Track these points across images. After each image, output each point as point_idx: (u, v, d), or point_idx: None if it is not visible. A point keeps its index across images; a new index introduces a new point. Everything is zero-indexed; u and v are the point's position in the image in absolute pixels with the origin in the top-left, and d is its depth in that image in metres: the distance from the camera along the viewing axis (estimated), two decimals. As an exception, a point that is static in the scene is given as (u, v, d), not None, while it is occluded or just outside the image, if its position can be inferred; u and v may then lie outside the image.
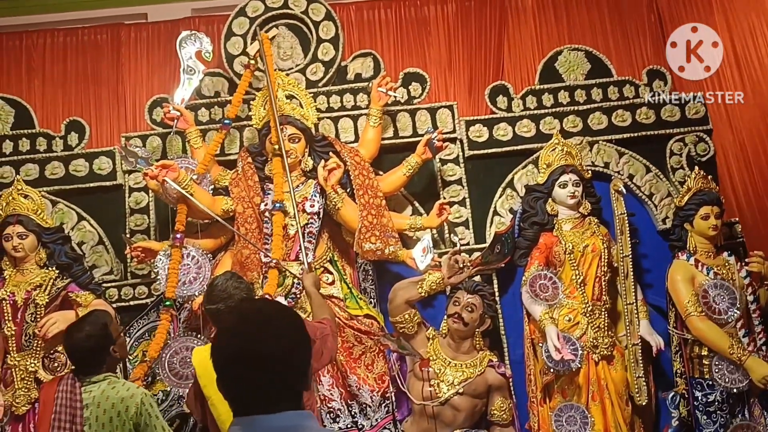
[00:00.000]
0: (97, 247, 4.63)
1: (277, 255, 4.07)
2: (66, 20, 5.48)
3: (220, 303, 2.95)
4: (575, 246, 4.29)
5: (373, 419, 4.12)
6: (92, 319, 3.18)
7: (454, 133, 4.77)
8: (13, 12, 5.49)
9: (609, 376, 4.17)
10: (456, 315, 4.11)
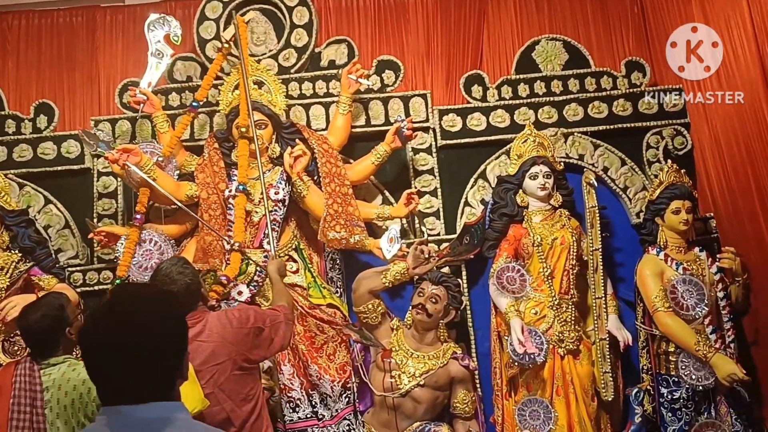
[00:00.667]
0: (63, 230, 4.59)
1: (238, 238, 4.02)
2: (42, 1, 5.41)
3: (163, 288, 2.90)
4: (544, 238, 4.22)
5: (334, 409, 4.07)
6: (48, 301, 3.13)
7: (427, 122, 4.70)
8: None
9: (574, 371, 4.11)
10: (420, 306, 4.05)
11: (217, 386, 2.81)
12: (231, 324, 2.90)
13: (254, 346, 2.96)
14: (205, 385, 2.78)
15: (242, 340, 2.90)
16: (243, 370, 2.90)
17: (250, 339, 2.94)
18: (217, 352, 2.84)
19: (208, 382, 2.79)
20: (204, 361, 2.81)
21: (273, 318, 3.10)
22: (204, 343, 2.82)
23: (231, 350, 2.86)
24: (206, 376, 2.80)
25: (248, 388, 2.91)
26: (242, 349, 2.89)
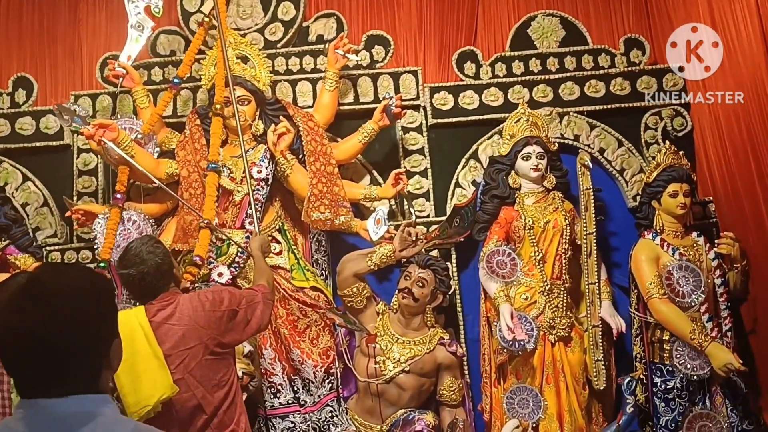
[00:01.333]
0: (42, 208, 4.46)
1: (208, 215, 3.87)
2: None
3: (131, 268, 2.77)
4: (536, 221, 4.08)
5: (316, 395, 3.95)
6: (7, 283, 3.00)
7: (418, 100, 4.54)
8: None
9: (565, 359, 3.98)
10: (406, 290, 3.92)
11: (187, 372, 2.68)
12: (203, 306, 2.76)
13: (228, 329, 2.82)
14: (175, 371, 2.65)
15: (215, 324, 2.76)
16: (215, 355, 2.76)
17: (224, 322, 2.80)
18: (187, 336, 2.70)
19: (178, 367, 2.67)
20: (174, 346, 2.68)
21: (249, 299, 2.97)
22: (174, 327, 2.69)
23: (202, 334, 2.72)
24: (176, 361, 2.67)
25: (221, 373, 2.77)
26: (214, 333, 2.75)
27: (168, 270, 2.82)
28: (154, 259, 2.78)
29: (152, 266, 2.77)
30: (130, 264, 2.77)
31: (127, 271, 2.77)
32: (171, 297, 2.77)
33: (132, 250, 2.81)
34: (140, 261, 2.76)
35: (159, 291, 2.77)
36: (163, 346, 2.65)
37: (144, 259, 2.76)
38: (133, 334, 2.62)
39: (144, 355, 2.60)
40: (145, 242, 2.85)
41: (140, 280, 2.77)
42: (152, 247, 2.81)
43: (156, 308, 2.72)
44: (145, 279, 2.76)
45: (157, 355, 2.60)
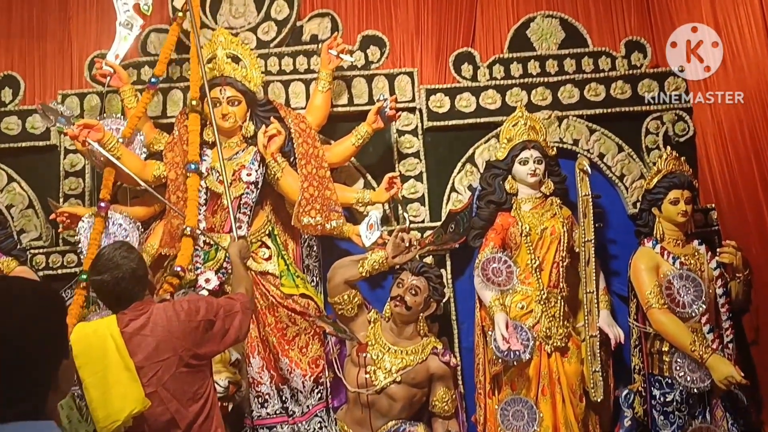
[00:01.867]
0: (27, 210, 4.35)
1: (191, 222, 3.75)
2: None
3: (105, 274, 2.64)
4: (533, 228, 3.97)
5: (305, 405, 3.85)
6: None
7: (414, 102, 4.43)
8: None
9: (562, 369, 3.87)
10: (399, 298, 3.81)
11: (160, 384, 2.55)
12: (178, 317, 2.63)
13: (204, 340, 2.69)
14: (148, 384, 2.53)
15: (190, 335, 2.63)
16: (190, 368, 2.63)
17: (199, 333, 2.67)
18: (161, 348, 2.58)
19: (150, 379, 2.54)
20: (147, 357, 2.56)
21: (228, 308, 2.84)
22: (147, 338, 2.56)
23: (177, 345, 2.60)
24: (149, 374, 2.55)
25: (196, 386, 2.65)
26: (189, 345, 2.62)
27: (143, 276, 2.69)
28: (129, 264, 2.65)
29: (127, 271, 2.64)
30: (104, 269, 2.64)
31: (100, 276, 2.64)
32: (144, 306, 2.64)
33: (105, 255, 2.69)
34: (114, 266, 2.63)
35: (134, 298, 2.65)
36: (136, 357, 2.53)
37: (118, 264, 2.63)
38: (104, 345, 2.51)
39: (115, 367, 2.49)
40: (118, 247, 2.72)
41: (115, 286, 2.63)
42: (126, 252, 2.68)
43: (128, 318, 2.60)
44: (120, 285, 2.63)
45: (128, 367, 2.49)
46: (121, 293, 2.63)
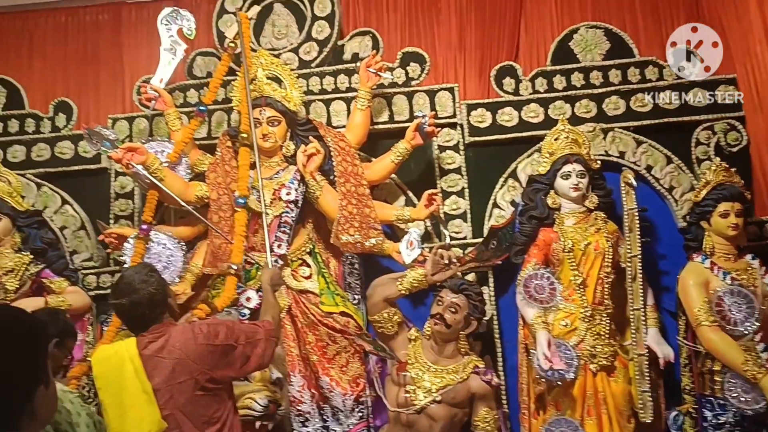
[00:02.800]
0: (79, 232, 4.49)
1: (236, 259, 3.78)
2: (71, 0, 5.36)
3: (124, 298, 2.67)
4: (576, 244, 3.87)
5: (345, 425, 3.83)
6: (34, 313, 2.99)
7: (455, 118, 4.40)
8: (18, -8, 5.40)
9: (608, 389, 3.75)
10: (438, 316, 3.75)
11: (177, 407, 2.56)
12: (196, 340, 2.64)
13: (222, 365, 2.68)
14: (164, 406, 2.54)
15: (207, 358, 2.64)
16: (206, 391, 2.63)
17: (217, 357, 2.67)
18: (177, 370, 2.59)
19: (167, 402, 2.56)
20: (163, 380, 2.58)
21: (250, 334, 2.82)
22: (164, 360, 2.58)
23: (193, 368, 2.60)
24: (165, 396, 2.56)
25: (212, 410, 2.64)
26: (205, 368, 2.62)
27: (162, 300, 2.71)
28: (147, 288, 2.67)
29: (145, 296, 2.66)
30: (122, 293, 2.67)
31: (119, 300, 2.68)
32: (163, 328, 2.67)
33: (124, 279, 2.72)
34: (132, 290, 2.66)
35: (152, 322, 2.67)
36: (153, 380, 2.55)
37: (136, 288, 2.66)
38: (123, 368, 2.54)
39: (132, 389, 2.51)
40: (139, 271, 2.75)
41: (132, 310, 2.66)
42: (146, 276, 2.70)
43: (147, 340, 2.63)
44: (138, 309, 2.65)
45: (145, 389, 2.51)
46: (139, 317, 2.66)
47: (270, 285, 3.18)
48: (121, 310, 2.70)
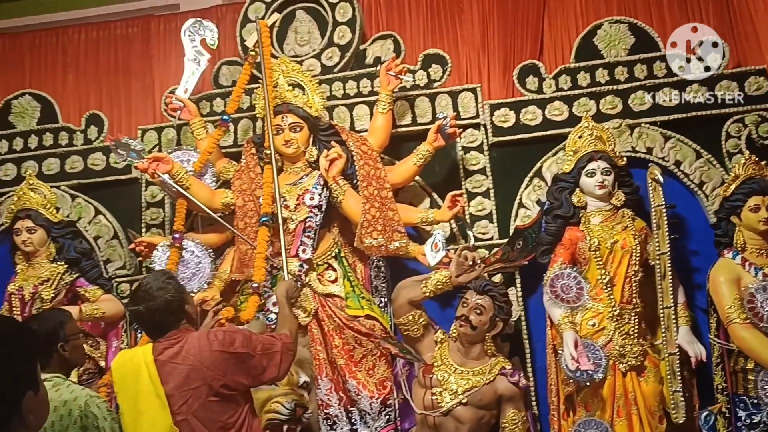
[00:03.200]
0: (112, 241, 4.59)
1: (258, 278, 3.82)
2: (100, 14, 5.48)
3: (141, 305, 2.73)
4: (602, 242, 3.82)
5: (373, 428, 3.84)
6: (49, 315, 3.07)
7: (478, 118, 4.37)
8: (52, 9, 5.55)
9: (638, 390, 3.69)
10: (463, 317, 3.74)
11: (191, 412, 2.60)
12: (210, 347, 2.67)
13: (236, 372, 2.71)
14: (178, 411, 2.59)
15: (221, 365, 2.67)
16: (221, 397, 2.66)
17: (231, 364, 2.70)
18: (191, 376, 2.63)
19: (181, 407, 2.60)
20: (177, 385, 2.62)
21: (267, 346, 2.85)
22: (179, 366, 2.63)
23: (207, 375, 2.64)
24: (179, 402, 2.61)
25: (227, 415, 2.67)
26: (219, 374, 2.65)
27: (178, 307, 2.75)
28: (164, 295, 2.72)
29: (161, 303, 2.71)
30: (140, 300, 2.73)
31: (136, 307, 2.74)
32: (180, 335, 2.71)
33: (143, 286, 2.78)
34: (149, 297, 2.71)
35: (168, 328, 2.72)
36: (167, 385, 2.60)
37: (153, 295, 2.71)
38: (138, 373, 2.60)
39: (146, 394, 2.57)
40: (157, 278, 2.81)
41: (149, 318, 2.72)
42: (164, 283, 2.75)
43: (163, 346, 2.68)
44: (154, 316, 2.71)
45: (158, 395, 2.56)
46: (156, 324, 2.72)
47: (286, 298, 3.20)
48: (139, 316, 2.76)
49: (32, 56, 5.28)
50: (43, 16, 5.52)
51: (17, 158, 4.78)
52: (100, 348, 4.30)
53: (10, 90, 5.07)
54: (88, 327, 4.28)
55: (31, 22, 5.60)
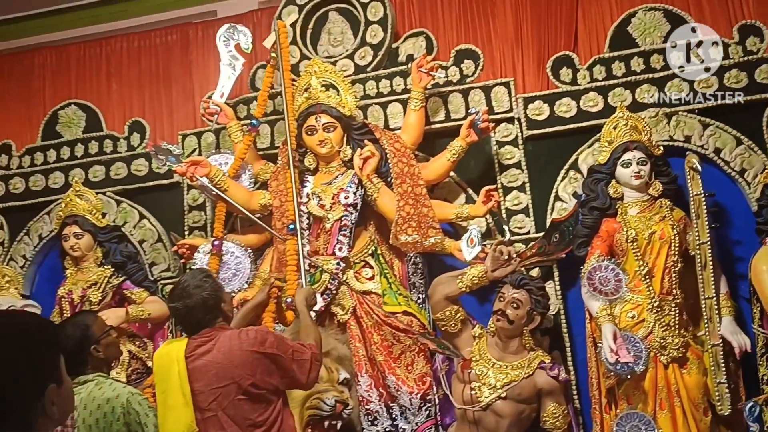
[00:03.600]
0: (156, 244, 4.71)
1: (292, 291, 3.86)
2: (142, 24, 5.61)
3: (178, 302, 2.82)
4: (639, 233, 3.77)
5: (414, 423, 3.86)
6: (74, 321, 3.17)
7: (512, 112, 4.36)
8: (95, 21, 5.71)
9: (681, 382, 3.64)
10: (500, 312, 3.73)
11: (221, 409, 2.67)
12: (241, 345, 2.74)
13: (266, 372, 2.76)
14: (208, 408, 2.66)
15: (250, 364, 2.72)
16: (249, 396, 2.71)
17: (261, 364, 2.75)
18: (220, 374, 2.70)
19: (211, 404, 2.67)
20: (207, 383, 2.69)
21: (298, 352, 2.89)
22: (209, 363, 2.70)
23: (235, 373, 2.70)
24: (209, 398, 2.68)
25: (257, 413, 2.71)
26: (247, 373, 2.71)
27: (215, 305, 2.83)
28: (201, 293, 2.80)
29: (198, 300, 2.79)
30: (178, 297, 2.83)
31: (174, 304, 2.83)
32: (213, 333, 2.78)
33: (180, 284, 2.87)
34: (187, 295, 2.80)
35: (205, 325, 2.79)
36: (198, 383, 2.67)
37: (190, 293, 2.80)
38: (170, 368, 2.67)
39: (174, 390, 2.65)
40: (194, 276, 2.90)
41: (187, 314, 2.81)
42: (201, 282, 2.84)
43: (196, 344, 2.75)
44: (192, 313, 2.79)
45: (184, 391, 2.63)
46: (193, 320, 2.80)
47: (305, 306, 3.24)
48: (177, 313, 2.85)
49: (77, 67, 5.44)
50: (87, 29, 5.67)
51: (64, 166, 4.95)
52: (148, 348, 4.41)
53: (57, 101, 5.25)
54: (136, 328, 4.42)
55: (76, 35, 5.77)
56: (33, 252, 4.88)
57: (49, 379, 1.42)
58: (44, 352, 1.45)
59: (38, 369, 1.41)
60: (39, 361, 1.42)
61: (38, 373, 1.41)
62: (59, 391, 1.43)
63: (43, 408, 1.40)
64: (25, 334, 1.42)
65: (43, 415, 1.40)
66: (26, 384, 1.39)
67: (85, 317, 3.14)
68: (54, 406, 1.41)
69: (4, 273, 4.61)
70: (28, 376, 1.39)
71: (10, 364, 1.37)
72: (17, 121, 5.38)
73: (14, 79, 5.49)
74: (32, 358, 1.41)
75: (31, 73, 5.47)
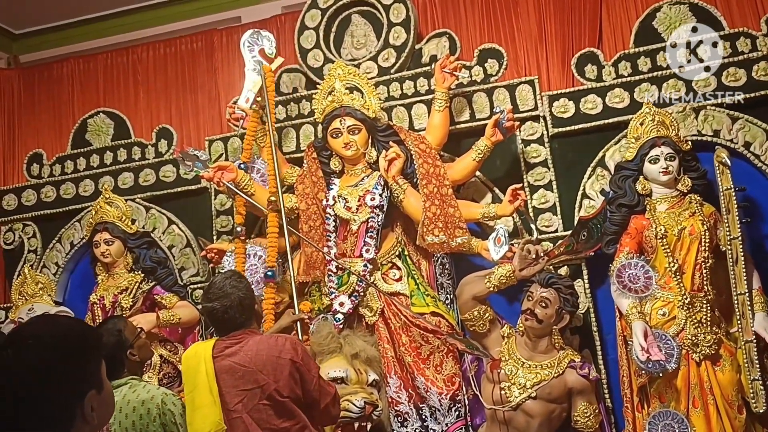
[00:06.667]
0: (185, 249, 4.76)
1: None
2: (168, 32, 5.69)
3: (215, 302, 2.85)
4: (669, 229, 3.73)
5: (443, 424, 3.86)
6: (106, 327, 3.21)
7: (537, 110, 4.34)
8: (122, 30, 5.79)
9: (714, 379, 3.58)
10: (529, 311, 3.72)
11: (246, 411, 2.69)
12: (269, 351, 2.75)
13: (290, 379, 2.76)
14: (233, 409, 2.68)
15: (275, 371, 2.74)
16: (273, 402, 2.72)
17: (285, 371, 2.75)
18: (246, 378, 2.72)
19: (236, 405, 2.70)
20: (233, 384, 2.72)
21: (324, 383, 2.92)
22: (235, 366, 2.73)
23: (260, 378, 2.71)
24: (235, 400, 2.71)
25: (279, 421, 2.70)
26: (271, 380, 2.72)
27: (250, 305, 2.88)
28: (237, 293, 2.84)
29: (235, 300, 2.83)
30: (215, 297, 2.85)
31: (211, 304, 2.85)
32: (242, 336, 2.80)
33: (216, 284, 2.90)
34: (224, 295, 2.83)
35: (240, 326, 2.83)
36: (224, 382, 2.69)
37: (228, 293, 2.83)
38: (198, 367, 2.70)
39: (202, 389, 2.68)
40: (228, 276, 2.93)
41: (223, 314, 2.83)
42: (236, 282, 2.88)
43: (225, 345, 2.78)
44: (228, 313, 2.83)
45: (212, 390, 2.66)
46: (228, 321, 2.83)
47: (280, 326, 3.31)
48: (213, 313, 2.86)
49: (105, 76, 5.51)
50: (113, 38, 5.77)
51: (94, 174, 5.03)
52: (179, 353, 4.45)
53: (86, 109, 5.33)
54: (166, 332, 4.46)
55: (104, 44, 5.87)
56: (65, 259, 4.96)
57: (89, 386, 1.44)
58: (87, 358, 1.47)
59: (79, 375, 1.43)
60: (80, 368, 1.44)
61: (79, 379, 1.43)
62: (99, 397, 1.45)
63: (82, 413, 1.41)
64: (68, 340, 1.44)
65: (83, 421, 1.41)
66: (67, 390, 1.41)
67: (115, 322, 3.18)
68: (93, 412, 1.43)
69: (37, 280, 4.68)
70: (70, 383, 1.41)
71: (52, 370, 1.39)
72: (47, 130, 5.47)
73: (43, 90, 5.57)
74: (74, 365, 1.43)
75: (59, 83, 5.55)
